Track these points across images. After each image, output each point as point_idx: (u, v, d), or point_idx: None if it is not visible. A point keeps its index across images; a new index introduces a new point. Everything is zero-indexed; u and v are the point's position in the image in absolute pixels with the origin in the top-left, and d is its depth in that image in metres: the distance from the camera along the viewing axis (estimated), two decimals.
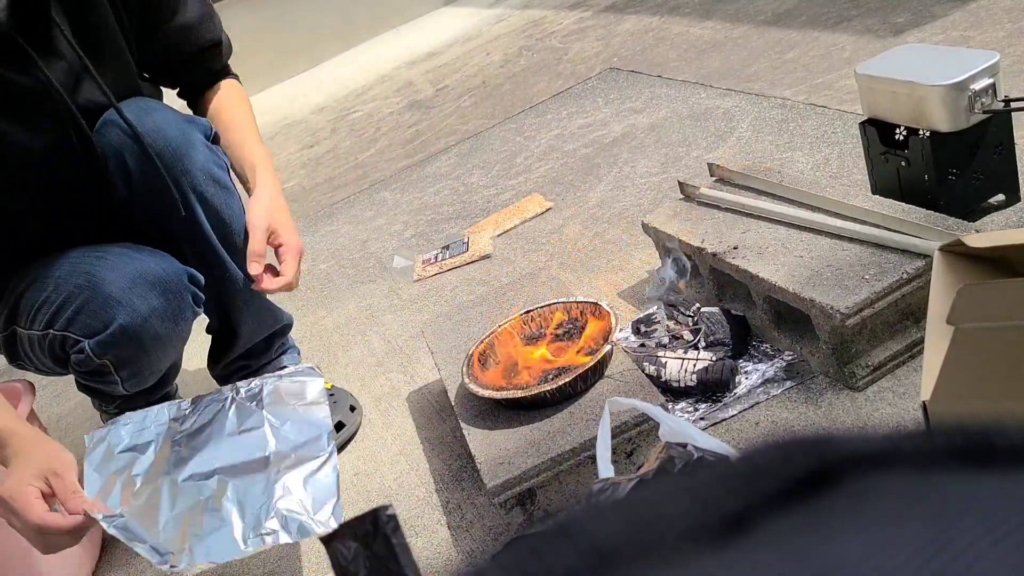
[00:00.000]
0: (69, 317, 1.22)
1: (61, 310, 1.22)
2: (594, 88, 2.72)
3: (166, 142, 1.28)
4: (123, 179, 1.30)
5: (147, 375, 1.33)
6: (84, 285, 1.22)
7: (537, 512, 1.07)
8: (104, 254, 1.26)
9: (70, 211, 1.32)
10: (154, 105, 1.32)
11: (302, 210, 2.78)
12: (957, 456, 0.22)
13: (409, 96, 3.57)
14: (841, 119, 1.83)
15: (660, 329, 1.34)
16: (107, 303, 1.21)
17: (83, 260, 1.26)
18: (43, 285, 1.24)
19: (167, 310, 1.26)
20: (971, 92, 1.24)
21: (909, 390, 1.11)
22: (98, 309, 1.21)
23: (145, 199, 1.30)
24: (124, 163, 1.28)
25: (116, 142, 1.27)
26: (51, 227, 1.31)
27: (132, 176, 1.29)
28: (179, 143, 1.28)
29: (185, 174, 1.29)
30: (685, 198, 1.47)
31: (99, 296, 1.21)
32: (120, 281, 1.22)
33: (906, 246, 1.14)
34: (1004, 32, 1.90)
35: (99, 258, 1.26)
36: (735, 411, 1.18)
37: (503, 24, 4.08)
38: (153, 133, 1.27)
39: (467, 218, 2.19)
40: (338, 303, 2.03)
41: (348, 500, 1.34)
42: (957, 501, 0.20)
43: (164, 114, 1.30)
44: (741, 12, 2.82)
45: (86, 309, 1.21)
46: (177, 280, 1.28)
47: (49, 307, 1.22)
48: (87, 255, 1.27)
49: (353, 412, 1.52)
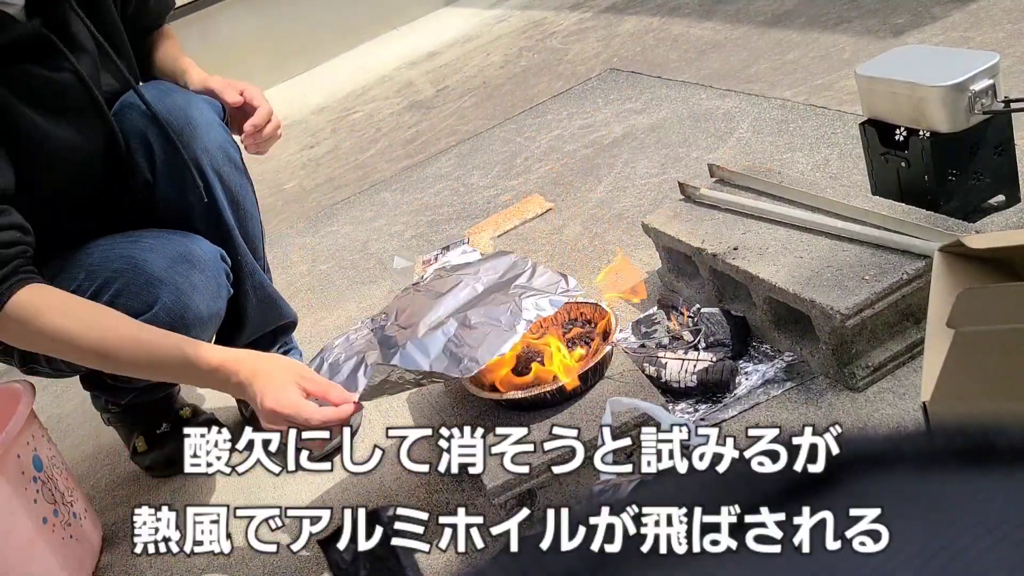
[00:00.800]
0: (107, 302, 1.21)
1: (97, 296, 1.22)
2: (594, 89, 2.72)
3: (186, 120, 1.31)
4: (146, 159, 1.32)
5: None
6: (123, 268, 1.23)
7: (537, 512, 1.07)
8: (138, 239, 1.28)
9: (95, 202, 1.34)
10: (171, 87, 1.35)
11: (302, 211, 2.78)
12: (957, 456, 0.22)
13: (409, 96, 3.57)
14: (841, 120, 1.83)
15: (660, 330, 1.34)
16: (150, 283, 1.22)
17: (116, 246, 1.27)
18: (72, 275, 1.24)
19: (207, 288, 1.27)
20: (971, 93, 1.24)
21: (909, 391, 1.11)
22: (140, 290, 1.22)
23: (166, 179, 1.32)
24: (147, 143, 1.30)
25: (138, 124, 1.30)
26: (76, 220, 1.31)
27: (155, 156, 1.31)
28: (198, 123, 1.32)
29: (205, 152, 1.32)
30: (685, 199, 1.48)
31: (141, 277, 1.22)
32: (161, 261, 1.24)
33: (906, 247, 1.14)
34: (1004, 33, 1.90)
35: (134, 242, 1.27)
36: (735, 412, 1.18)
37: (503, 25, 4.08)
38: (173, 112, 1.30)
39: (467, 219, 2.19)
40: (338, 303, 2.03)
41: (348, 501, 1.34)
42: (957, 501, 0.20)
43: (182, 95, 1.33)
44: (741, 13, 2.82)
45: (127, 291, 1.22)
46: (213, 259, 1.30)
47: (82, 295, 1.22)
48: (119, 241, 1.28)
49: None
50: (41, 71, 1.18)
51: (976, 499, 0.20)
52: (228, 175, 1.36)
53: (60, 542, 1.30)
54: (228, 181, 1.36)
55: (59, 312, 1.13)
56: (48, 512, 1.29)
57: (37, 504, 1.27)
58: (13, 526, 1.23)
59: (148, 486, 1.58)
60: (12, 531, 1.22)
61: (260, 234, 1.48)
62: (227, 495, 1.46)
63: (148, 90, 1.32)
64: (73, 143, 1.24)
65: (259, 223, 1.48)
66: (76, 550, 1.33)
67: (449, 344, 1.04)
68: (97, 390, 1.51)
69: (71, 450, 1.80)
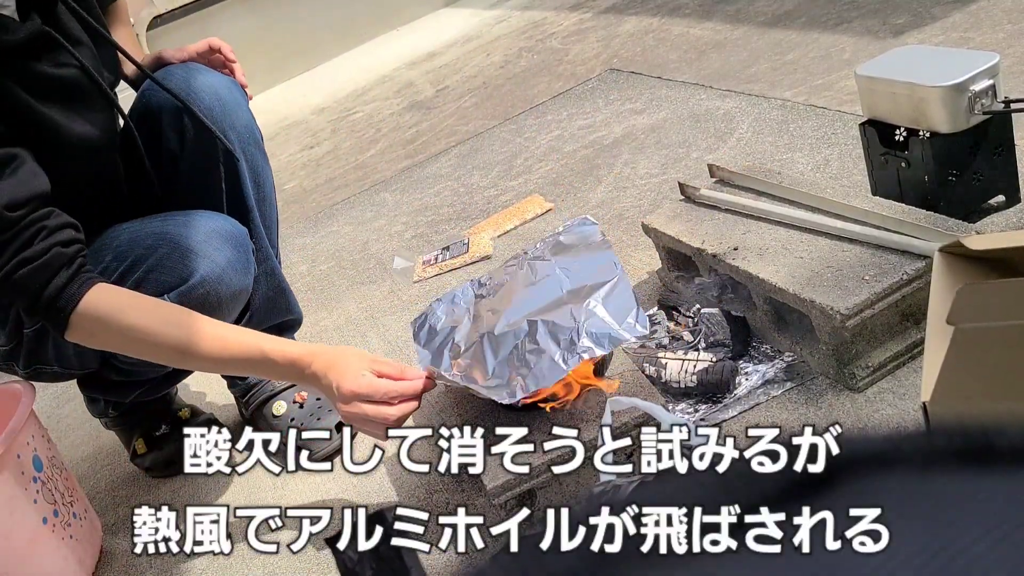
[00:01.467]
0: (139, 278, 1.23)
1: (127, 274, 1.23)
2: (594, 89, 2.72)
3: (216, 98, 1.35)
4: (176, 133, 1.36)
5: None
6: (157, 245, 1.24)
7: (537, 512, 1.07)
8: (167, 218, 1.30)
9: (116, 190, 1.36)
10: (200, 67, 1.39)
11: (302, 211, 2.78)
12: (957, 456, 0.22)
13: (409, 97, 3.57)
14: (841, 120, 1.83)
15: (660, 330, 1.34)
16: (187, 256, 1.23)
17: (145, 226, 1.28)
18: (98, 258, 1.25)
19: (239, 262, 1.29)
20: (971, 93, 1.24)
21: (909, 391, 1.11)
22: (176, 263, 1.23)
23: (194, 154, 1.36)
24: (177, 117, 1.34)
25: (168, 100, 1.34)
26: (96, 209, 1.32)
27: (184, 129, 1.35)
28: (228, 101, 1.36)
29: (233, 130, 1.36)
30: (685, 199, 1.48)
31: (177, 251, 1.23)
32: (196, 236, 1.25)
33: (906, 247, 1.14)
34: (1004, 33, 1.90)
35: (163, 220, 1.29)
36: (735, 412, 1.18)
37: (503, 25, 4.08)
38: (204, 90, 1.34)
39: (467, 219, 2.19)
40: (338, 304, 2.03)
41: (348, 501, 1.34)
42: (957, 501, 0.20)
43: (212, 75, 1.38)
44: (741, 13, 2.82)
45: (161, 266, 1.23)
46: (242, 235, 1.33)
47: (110, 276, 1.23)
48: (147, 223, 1.30)
49: None
50: (46, 68, 1.19)
51: (976, 499, 0.20)
52: (253, 156, 1.40)
53: (60, 542, 1.30)
54: (253, 162, 1.40)
55: (134, 309, 1.15)
56: (48, 512, 1.29)
57: (37, 504, 1.27)
58: (13, 526, 1.23)
59: (148, 486, 1.58)
60: (12, 531, 1.23)
61: (276, 221, 1.51)
62: (227, 495, 1.46)
63: (178, 70, 1.36)
64: (88, 136, 1.25)
65: (276, 210, 1.51)
66: (76, 550, 1.33)
67: (512, 354, 1.09)
68: (98, 392, 1.50)
69: (71, 450, 1.80)
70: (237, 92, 1.39)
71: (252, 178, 1.40)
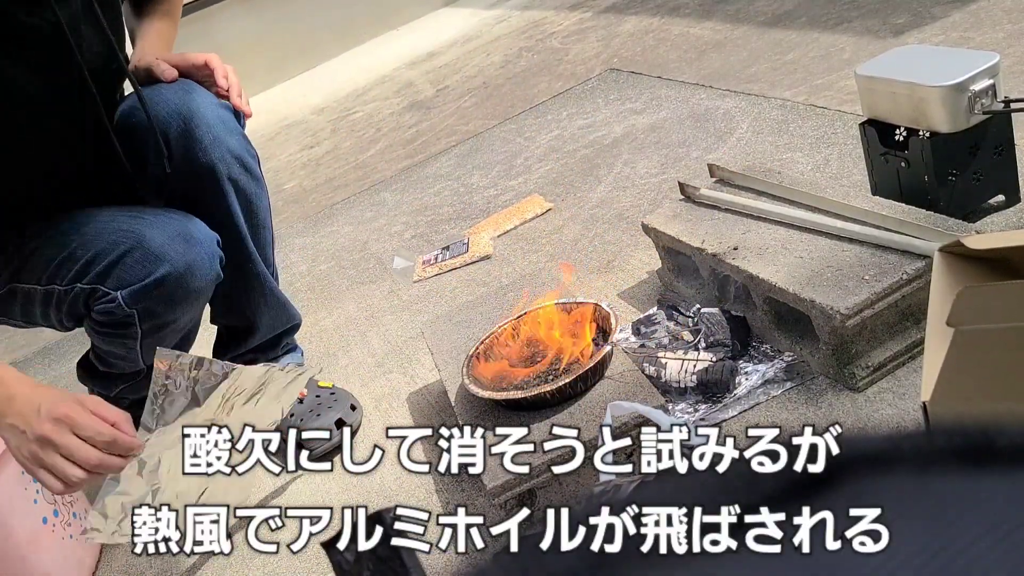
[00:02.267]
0: (101, 272, 1.23)
1: (90, 265, 1.24)
2: (594, 89, 2.72)
3: (207, 127, 1.32)
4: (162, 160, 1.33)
5: (166, 332, 1.34)
6: (122, 241, 1.24)
7: (537, 512, 1.07)
8: (139, 214, 1.29)
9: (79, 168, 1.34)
10: (194, 86, 1.36)
11: (302, 211, 2.78)
12: (957, 456, 0.22)
13: (409, 97, 3.57)
14: (841, 120, 1.83)
15: (660, 330, 1.34)
16: (149, 257, 1.23)
17: (116, 219, 1.28)
18: (63, 242, 1.25)
19: (202, 267, 1.29)
20: (971, 93, 1.24)
21: (909, 391, 1.11)
22: (137, 263, 1.23)
23: (182, 180, 1.34)
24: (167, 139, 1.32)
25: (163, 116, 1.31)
26: (48, 183, 1.32)
27: (172, 157, 1.33)
28: (218, 129, 1.33)
29: (221, 161, 1.34)
30: (685, 199, 1.48)
31: (140, 251, 1.23)
32: (160, 237, 1.25)
33: (906, 247, 1.14)
34: (1004, 33, 1.90)
35: (134, 217, 1.28)
36: (735, 412, 1.18)
37: (503, 25, 4.08)
38: (195, 117, 1.31)
39: (467, 219, 2.19)
40: (338, 304, 2.03)
41: (348, 501, 1.34)
42: (957, 501, 0.20)
43: (205, 97, 1.34)
44: (741, 13, 2.82)
45: (125, 263, 1.23)
46: (209, 241, 1.32)
47: (75, 263, 1.24)
48: (119, 215, 1.29)
49: (354, 411, 1.52)
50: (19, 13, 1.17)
51: (976, 499, 0.20)
52: (245, 184, 1.38)
53: (60, 542, 1.30)
54: (245, 190, 1.38)
55: None
56: (48, 512, 1.29)
57: (37, 504, 1.27)
58: (13, 526, 1.23)
59: None
60: (12, 531, 1.23)
61: (271, 242, 1.51)
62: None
63: (169, 93, 1.32)
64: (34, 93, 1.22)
65: (271, 232, 1.50)
66: (76, 550, 1.33)
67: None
68: (88, 381, 1.52)
69: None
70: (228, 117, 1.36)
71: (244, 206, 1.39)
